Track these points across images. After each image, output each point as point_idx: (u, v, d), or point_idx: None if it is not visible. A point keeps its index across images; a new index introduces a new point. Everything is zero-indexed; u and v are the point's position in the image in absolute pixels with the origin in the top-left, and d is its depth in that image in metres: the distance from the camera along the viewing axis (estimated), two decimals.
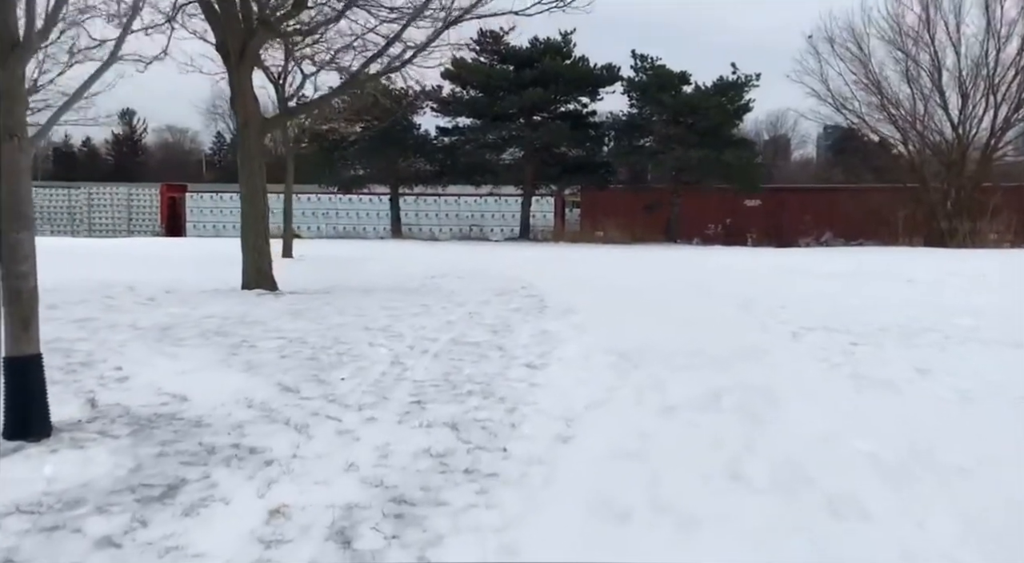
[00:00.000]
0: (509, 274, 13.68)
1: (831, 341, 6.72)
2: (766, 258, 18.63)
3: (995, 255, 17.95)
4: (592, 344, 6.65)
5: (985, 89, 26.03)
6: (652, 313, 8.72)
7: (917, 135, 27.45)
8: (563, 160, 29.41)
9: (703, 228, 28.99)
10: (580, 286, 11.86)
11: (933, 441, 3.86)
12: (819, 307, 8.91)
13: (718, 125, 26.61)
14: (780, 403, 4.67)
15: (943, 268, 14.09)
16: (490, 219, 33.46)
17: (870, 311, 8.57)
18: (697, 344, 6.61)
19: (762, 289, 10.77)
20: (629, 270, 15.11)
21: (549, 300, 9.88)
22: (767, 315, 8.32)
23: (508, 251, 21.68)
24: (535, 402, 4.71)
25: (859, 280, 12.17)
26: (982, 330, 7.11)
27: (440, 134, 30.19)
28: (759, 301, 9.41)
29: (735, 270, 14.48)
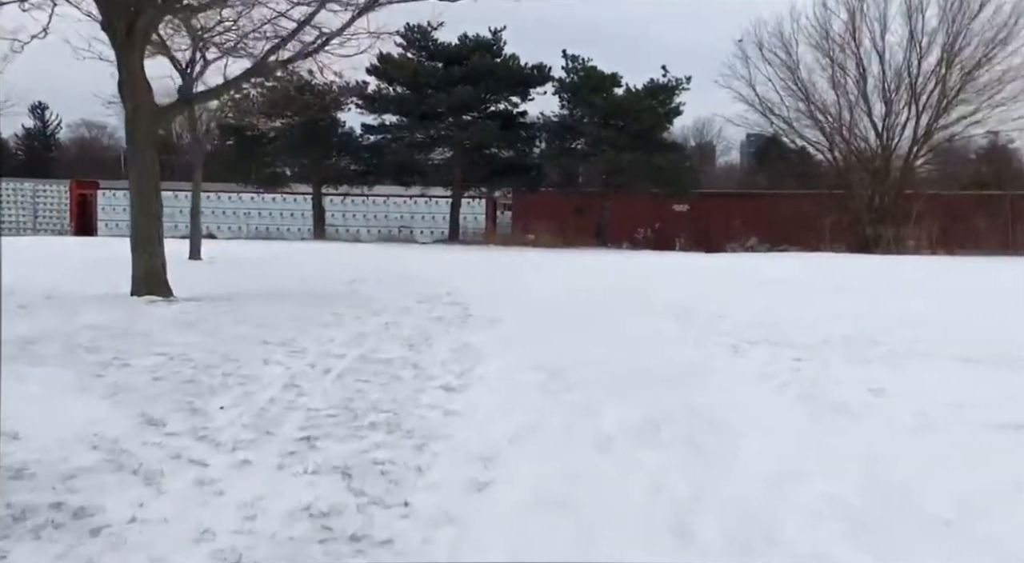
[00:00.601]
0: (434, 279, 12.98)
1: (775, 356, 6.27)
2: (698, 264, 18.44)
3: (920, 262, 18.19)
4: (519, 360, 6.03)
5: (908, 98, 26.71)
6: (585, 323, 8.16)
7: (843, 142, 27.97)
8: (494, 161, 28.79)
9: (633, 232, 28.84)
10: (508, 293, 11.25)
11: (904, 482, 3.36)
12: (758, 317, 8.52)
13: (649, 128, 26.47)
14: (728, 433, 4.12)
15: (874, 275, 14.07)
16: (419, 221, 32.62)
17: (809, 321, 8.22)
18: (634, 359, 6.06)
19: (697, 297, 10.38)
20: (560, 275, 14.59)
21: (474, 308, 9.23)
22: (705, 326, 7.86)
23: (435, 254, 20.94)
24: (449, 436, 4.04)
25: (793, 288, 11.94)
26: (927, 343, 6.79)
27: (366, 132, 29.19)
28: (696, 310, 8.98)
29: (668, 276, 14.13)
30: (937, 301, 10.20)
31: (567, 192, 28.26)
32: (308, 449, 3.75)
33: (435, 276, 13.49)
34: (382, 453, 3.71)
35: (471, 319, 8.38)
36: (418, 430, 4.11)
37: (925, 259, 19.49)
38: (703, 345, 6.83)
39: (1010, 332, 7.52)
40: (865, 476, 3.44)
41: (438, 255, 20.43)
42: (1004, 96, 25.27)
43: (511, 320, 8.30)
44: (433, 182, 28.73)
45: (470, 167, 28.68)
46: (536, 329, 7.76)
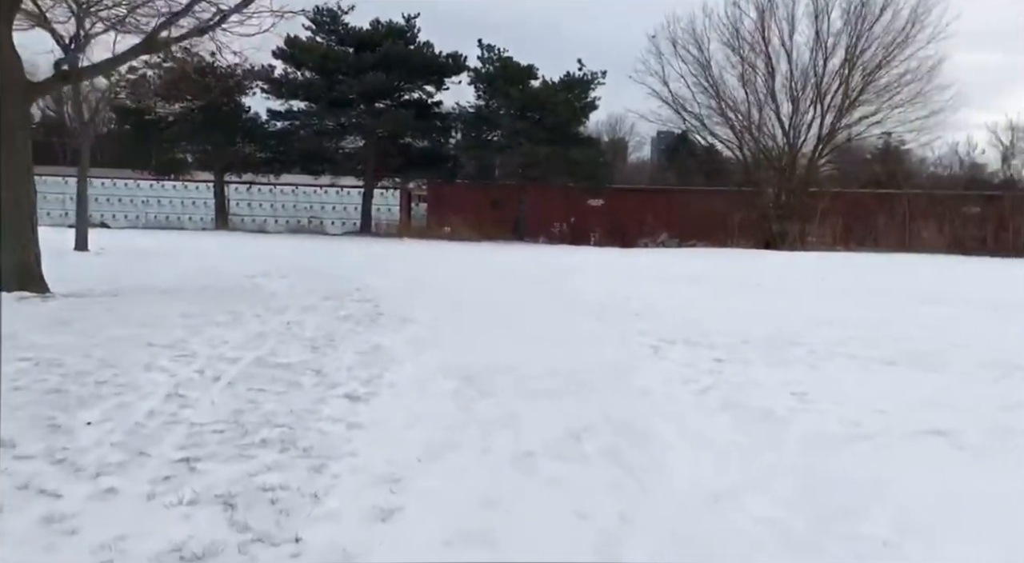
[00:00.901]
0: (343, 274, 12.43)
1: (695, 357, 6.11)
2: (614, 259, 18.45)
3: (827, 258, 18.73)
4: (432, 364, 5.66)
5: (813, 97, 27.57)
6: (502, 323, 7.85)
7: (752, 140, 28.64)
8: (408, 151, 28.16)
9: (549, 226, 28.84)
10: (423, 289, 10.84)
11: (841, 499, 3.18)
12: (675, 316, 8.41)
13: (565, 122, 26.41)
14: (654, 445, 3.88)
15: (785, 272, 14.33)
16: (329, 211, 31.69)
17: (727, 320, 8.15)
18: (553, 362, 5.78)
19: (615, 295, 10.23)
20: (476, 271, 14.26)
21: (386, 306, 8.78)
22: (624, 325, 7.68)
23: (346, 247, 20.25)
24: (352, 453, 3.64)
25: (710, 285, 11.97)
26: (846, 343, 6.79)
27: (272, 118, 28.03)
28: (614, 308, 8.80)
29: (585, 272, 14.00)
30: (848, 299, 10.38)
31: (483, 184, 27.94)
32: (187, 473, 3.29)
33: (345, 270, 12.93)
34: (273, 477, 3.28)
35: (382, 318, 7.94)
36: (316, 448, 3.69)
37: (829, 256, 20.10)
38: (623, 345, 6.62)
39: (920, 331, 7.64)
40: (799, 493, 3.24)
41: (349, 248, 19.76)
42: (902, 97, 26.42)
43: (425, 319, 7.90)
44: (344, 171, 27.88)
45: (383, 157, 27.97)
46: (451, 329, 7.40)
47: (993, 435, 4.05)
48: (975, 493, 3.26)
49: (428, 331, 7.15)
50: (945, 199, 25.20)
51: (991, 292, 11.49)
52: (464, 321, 7.92)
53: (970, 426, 4.19)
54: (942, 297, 10.73)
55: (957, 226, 25.05)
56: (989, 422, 4.28)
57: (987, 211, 25.57)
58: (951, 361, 6.05)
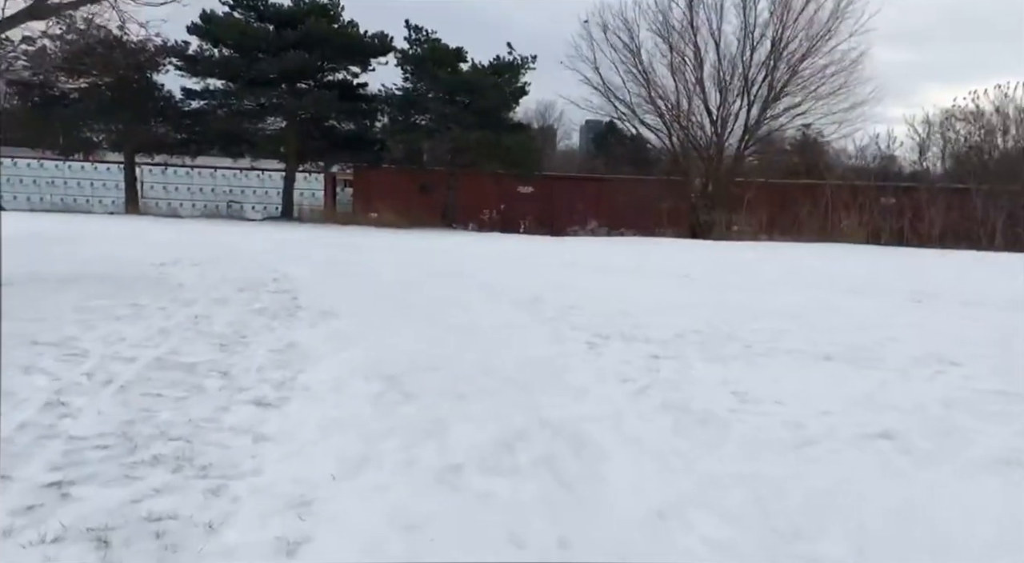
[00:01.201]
0: (261, 262, 11.80)
1: (631, 353, 5.89)
2: (545, 248, 18.25)
3: (754, 248, 18.96)
4: (353, 363, 5.26)
5: (740, 87, 27.94)
6: (430, 316, 7.47)
7: (680, 128, 28.88)
8: (332, 134, 27.29)
9: (479, 213, 28.55)
10: (345, 279, 10.35)
11: (793, 515, 2.96)
12: (609, 307, 8.19)
13: (495, 107, 26.03)
14: (591, 453, 3.61)
15: (714, 263, 14.36)
16: (250, 196, 30.61)
17: (661, 313, 7.99)
18: (483, 359, 5.46)
19: (547, 285, 9.97)
20: (403, 259, 13.80)
21: (305, 297, 8.30)
22: (558, 318, 7.41)
23: (266, 233, 19.44)
24: (256, 472, 3.24)
25: (641, 276, 11.85)
26: (781, 337, 6.69)
27: (187, 97, 26.70)
28: (546, 300, 8.53)
29: (517, 262, 13.71)
30: (777, 290, 10.39)
31: (411, 170, 27.31)
32: (56, 501, 2.84)
33: (263, 258, 12.30)
34: (162, 503, 2.86)
35: (300, 311, 7.46)
36: (216, 465, 3.27)
37: (755, 245, 20.39)
38: (556, 340, 6.35)
39: (851, 324, 7.62)
40: (748, 508, 3.02)
41: (269, 234, 18.97)
42: (826, 89, 27.04)
43: (347, 312, 7.46)
44: (264, 154, 26.82)
45: (306, 139, 27.06)
46: (375, 322, 6.99)
47: (940, 437, 3.92)
48: (931, 503, 3.10)
49: (349, 325, 6.73)
50: (865, 190, 25.89)
51: (911, 282, 11.72)
52: (389, 314, 7.52)
53: (915, 427, 4.06)
54: (867, 288, 10.87)
55: (876, 217, 25.81)
56: (934, 423, 4.17)
57: (904, 202, 26.41)
58: (886, 357, 5.99)
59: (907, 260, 16.86)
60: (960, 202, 25.64)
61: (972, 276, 13.23)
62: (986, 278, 12.77)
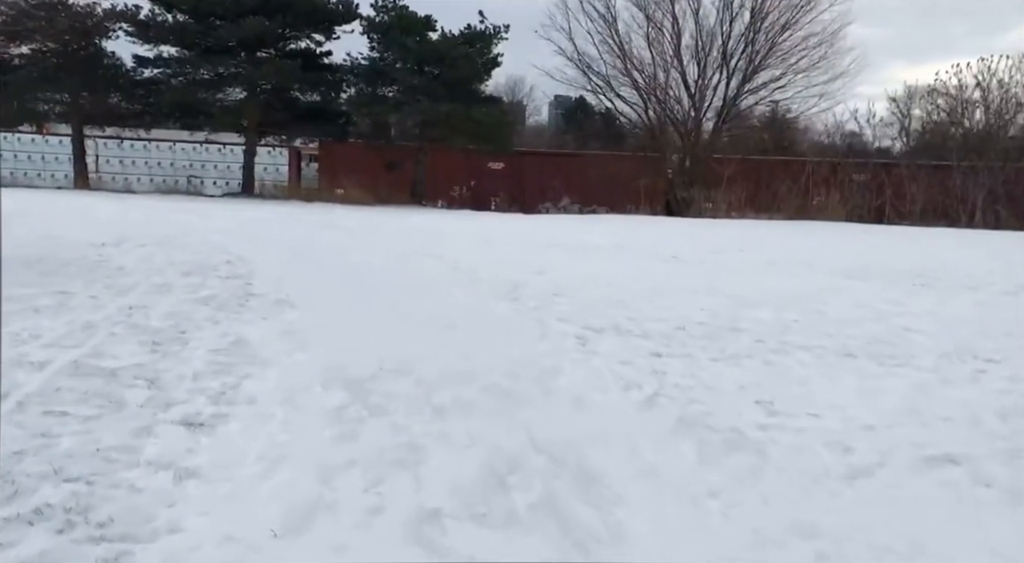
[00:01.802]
0: (214, 242, 10.92)
1: (630, 350, 5.21)
2: (519, 226, 17.51)
3: (736, 226, 18.39)
4: (310, 366, 4.51)
5: (719, 60, 27.28)
6: (399, 306, 6.72)
7: (657, 102, 28.17)
8: (294, 106, 26.12)
9: (449, 190, 27.78)
10: (306, 262, 9.54)
11: None
12: (597, 294, 7.51)
13: (466, 78, 25.08)
14: (601, 493, 2.93)
15: (699, 242, 13.74)
16: (211, 170, 29.43)
17: (653, 299, 7.33)
18: (462, 360, 4.74)
19: (526, 268, 9.25)
20: (371, 240, 12.98)
21: (260, 283, 7.49)
22: (542, 307, 6.71)
23: (224, 211, 18.42)
24: (173, 529, 2.50)
25: (625, 257, 11.18)
26: (790, 329, 6.06)
27: (139, 65, 25.33)
28: (528, 286, 7.82)
29: (492, 242, 12.96)
30: (773, 273, 9.79)
31: (379, 144, 26.27)
32: None
33: (217, 239, 11.40)
34: None
35: (253, 300, 6.67)
36: (119, 520, 2.52)
37: (736, 224, 19.83)
38: (544, 335, 5.65)
39: (863, 312, 7.02)
40: None
41: (227, 212, 17.96)
42: (806, 62, 26.48)
43: (306, 301, 6.69)
44: (222, 126, 25.57)
45: (267, 111, 25.89)
46: (338, 314, 6.23)
47: (1015, 460, 3.30)
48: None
49: (308, 318, 5.96)
50: (844, 167, 25.47)
51: (908, 263, 11.21)
52: (354, 304, 6.75)
53: (981, 448, 3.44)
54: (865, 270, 10.30)
55: (855, 194, 25.42)
56: (1000, 441, 3.55)
57: (883, 179, 26.05)
58: (913, 353, 5.38)
59: (895, 239, 16.41)
60: (940, 179, 25.37)
61: (967, 256, 12.76)
62: (983, 259, 12.31)
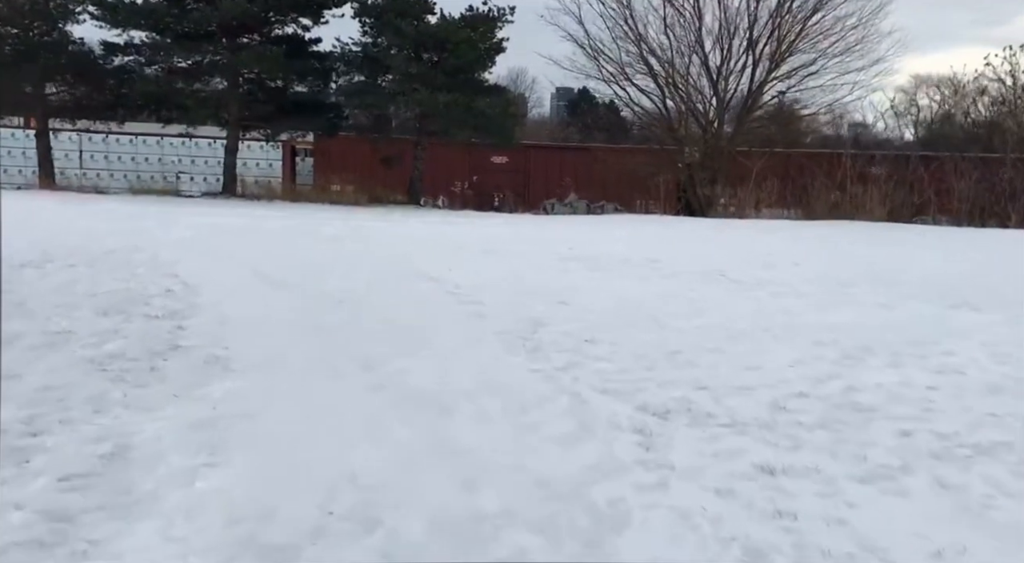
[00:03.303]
0: (163, 260, 9.18)
1: (721, 460, 3.48)
2: (529, 232, 15.76)
3: (773, 230, 16.61)
4: (209, 516, 2.78)
5: (744, 45, 25.50)
6: (375, 367, 4.99)
7: (676, 92, 26.36)
8: (281, 97, 24.37)
9: (449, 186, 26.22)
10: (268, 288, 7.81)
11: None
12: (645, 340, 5.78)
13: (468, 65, 23.29)
14: None
15: (741, 252, 11.99)
16: (199, 166, 27.84)
17: (724, 349, 5.60)
18: (464, 496, 3.02)
19: (545, 296, 7.49)
20: (356, 252, 11.23)
21: (195, 328, 5.78)
22: (574, 367, 4.98)
23: (193, 215, 16.63)
24: None
25: (662, 275, 9.42)
26: (945, 412, 4.31)
27: (108, 52, 23.53)
28: (550, 326, 6.09)
29: (497, 255, 11.19)
30: (860, 299, 7.97)
31: (372, 139, 24.51)
32: None
33: (166, 253, 9.64)
34: None
35: (175, 358, 4.95)
36: None
37: (772, 227, 18.05)
38: (585, 427, 3.91)
39: (1014, 369, 5.27)
40: None
41: (196, 217, 16.19)
42: (841, 45, 24.73)
43: (249, 358, 4.97)
44: (200, 119, 23.76)
45: (250, 103, 24.18)
46: (286, 387, 4.51)
47: None
48: None
49: (243, 394, 4.23)
50: (885, 160, 23.71)
51: (1014, 284, 9.38)
52: (316, 365, 5.01)
53: None
54: (970, 293, 8.37)
55: (897, 190, 23.66)
56: None
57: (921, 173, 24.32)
58: None
59: (970, 244, 14.55)
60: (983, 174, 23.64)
61: None
62: None
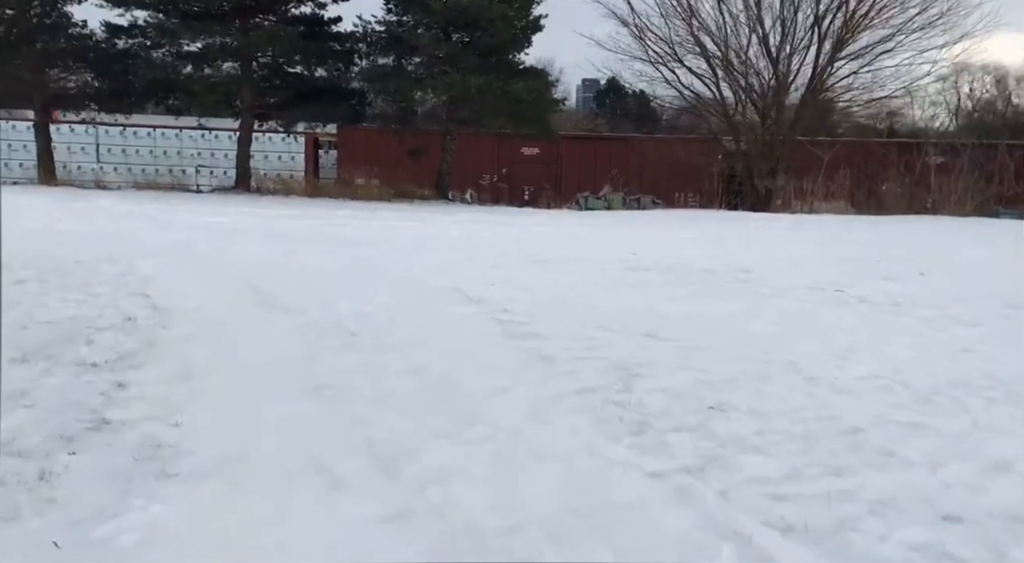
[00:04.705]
0: (140, 274, 7.63)
1: None
2: (575, 233, 14.05)
3: (862, 230, 14.71)
4: None
5: (809, 21, 23.49)
6: (406, 464, 3.31)
7: (731, 72, 24.39)
8: (298, 82, 22.93)
9: (478, 179, 24.71)
10: (261, 313, 6.18)
11: None
12: (795, 401, 4.05)
13: (503, 45, 21.62)
14: None
15: (847, 261, 10.19)
16: (211, 160, 26.50)
17: (922, 425, 3.86)
18: None
19: (626, 323, 5.77)
20: (374, 260, 9.57)
21: (146, 383, 4.19)
22: (709, 459, 3.25)
23: (195, 214, 15.12)
24: None
25: (767, 293, 7.64)
26: None
27: (111, 34, 22.18)
28: (648, 380, 4.36)
29: (546, 263, 9.45)
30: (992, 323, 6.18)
31: (397, 130, 22.90)
32: None
33: (146, 268, 8.05)
34: None
35: (94, 446, 3.32)
36: None
37: (855, 223, 16.15)
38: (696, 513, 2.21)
39: None
40: None
41: (198, 215, 14.67)
42: (921, 20, 22.62)
43: (211, 446, 3.34)
44: (210, 108, 22.33)
45: (266, 90, 22.77)
46: (258, 506, 2.85)
47: None
48: None
49: (184, 535, 2.58)
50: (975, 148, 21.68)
51: None
52: (314, 466, 3.33)
53: None
54: None
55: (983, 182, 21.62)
56: None
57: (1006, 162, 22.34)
58: None
59: None
60: None
61: None
62: None
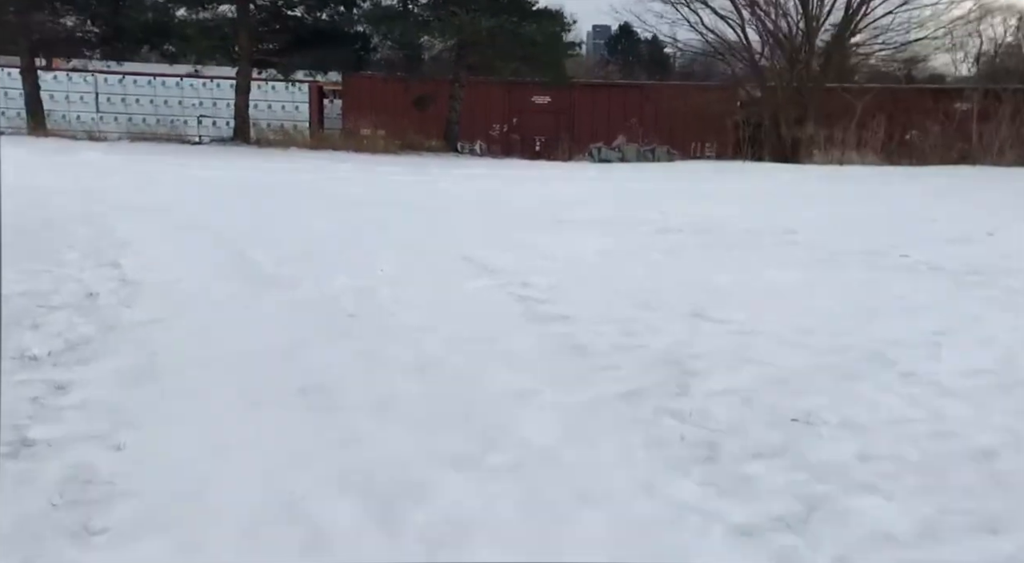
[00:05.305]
0: (115, 237, 6.83)
1: None
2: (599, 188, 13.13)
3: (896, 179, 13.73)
4: None
5: None
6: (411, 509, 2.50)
7: (758, 13, 23.13)
8: (297, 26, 21.82)
9: (487, 129, 23.61)
10: (250, 284, 5.37)
11: None
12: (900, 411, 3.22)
13: None
14: None
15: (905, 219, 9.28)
16: (213, 109, 25.41)
17: None
18: None
19: (669, 299, 4.92)
20: (378, 221, 8.69)
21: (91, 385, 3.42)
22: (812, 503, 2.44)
23: (188, 168, 14.23)
24: None
25: (824, 263, 6.77)
26: None
27: None
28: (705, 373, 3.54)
29: (573, 226, 8.56)
30: None
31: (402, 77, 21.82)
32: None
33: (126, 227, 7.26)
34: None
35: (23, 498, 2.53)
36: None
37: (895, 175, 15.14)
38: None
39: None
40: None
41: (192, 169, 13.80)
42: None
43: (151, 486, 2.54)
44: (204, 53, 21.25)
45: (264, 34, 21.67)
46: None
47: None
48: None
49: None
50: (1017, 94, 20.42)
51: None
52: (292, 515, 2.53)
53: None
54: None
55: None
56: None
57: None
58: None
59: None
60: None
61: None
62: None
